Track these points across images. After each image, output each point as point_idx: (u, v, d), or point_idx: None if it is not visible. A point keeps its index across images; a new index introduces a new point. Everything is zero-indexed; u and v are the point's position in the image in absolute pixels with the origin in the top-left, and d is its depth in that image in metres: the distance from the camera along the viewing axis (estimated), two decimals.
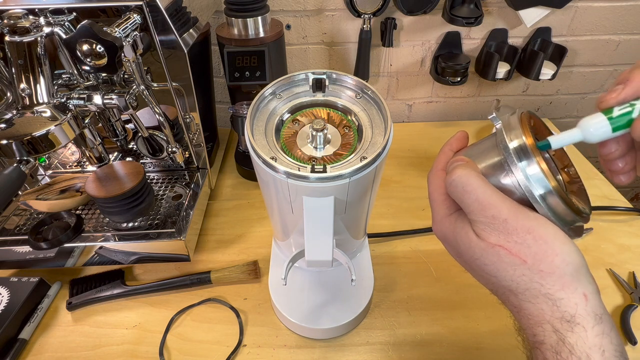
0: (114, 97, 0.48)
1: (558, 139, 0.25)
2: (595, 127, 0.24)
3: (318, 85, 0.42)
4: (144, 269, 0.59)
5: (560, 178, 0.29)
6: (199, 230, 0.62)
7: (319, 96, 0.42)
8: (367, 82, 0.43)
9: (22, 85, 0.44)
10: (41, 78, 0.45)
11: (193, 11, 0.57)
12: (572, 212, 0.25)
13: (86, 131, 0.54)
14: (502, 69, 0.81)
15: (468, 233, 0.27)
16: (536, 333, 0.24)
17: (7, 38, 0.43)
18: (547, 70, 0.79)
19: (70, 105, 0.47)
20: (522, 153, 0.26)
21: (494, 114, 0.29)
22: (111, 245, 0.53)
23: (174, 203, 0.60)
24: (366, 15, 0.73)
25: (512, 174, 0.26)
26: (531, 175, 0.25)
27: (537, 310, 0.24)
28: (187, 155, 0.64)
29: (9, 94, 0.47)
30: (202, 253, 0.61)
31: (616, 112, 0.24)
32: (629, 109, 0.23)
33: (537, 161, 0.25)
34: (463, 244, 0.27)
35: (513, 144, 0.26)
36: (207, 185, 0.67)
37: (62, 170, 0.66)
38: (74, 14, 0.47)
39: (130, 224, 0.56)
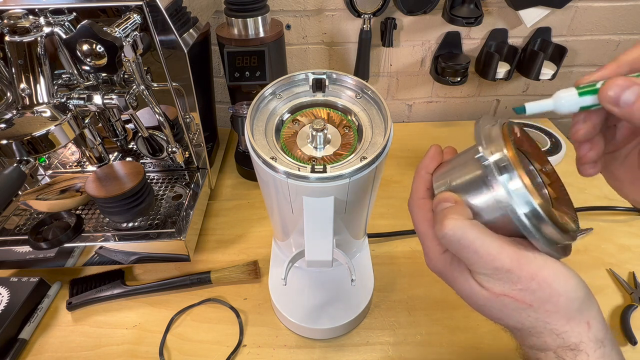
0: (114, 97, 0.48)
1: (533, 106, 0.26)
2: (565, 97, 0.25)
3: (318, 85, 0.42)
4: (144, 269, 0.59)
5: (546, 192, 0.27)
6: (199, 230, 0.62)
7: (319, 96, 0.42)
8: (367, 82, 0.43)
9: (22, 85, 0.44)
10: (41, 78, 0.45)
11: (193, 11, 0.57)
12: (560, 233, 0.24)
13: (86, 131, 0.55)
14: (502, 69, 0.81)
15: (468, 281, 0.26)
16: (539, 357, 0.24)
17: (7, 38, 0.43)
18: (547, 70, 0.79)
19: (70, 105, 0.47)
20: (504, 168, 0.24)
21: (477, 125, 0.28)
22: (111, 245, 0.53)
23: (174, 203, 0.60)
24: (366, 15, 0.73)
25: (493, 191, 0.25)
26: (514, 190, 0.24)
27: (541, 342, 0.24)
28: (187, 155, 0.64)
29: (9, 94, 0.47)
30: (202, 253, 0.61)
31: (584, 85, 0.25)
32: (597, 85, 0.24)
33: (520, 175, 0.24)
34: (464, 290, 0.27)
35: (494, 159, 0.25)
36: (207, 185, 0.67)
37: (62, 170, 0.66)
38: (74, 14, 0.47)
39: (130, 224, 0.56)
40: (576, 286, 0.24)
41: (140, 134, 0.57)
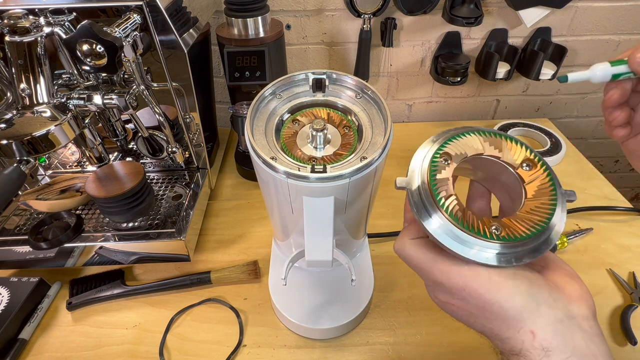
0: (114, 97, 0.48)
1: (573, 76, 0.31)
2: (600, 68, 0.30)
3: (318, 85, 0.42)
4: (144, 269, 0.59)
5: (470, 214, 0.26)
6: (199, 230, 0.62)
7: (319, 96, 0.42)
8: (367, 82, 0.43)
9: (22, 85, 0.44)
10: (41, 78, 0.45)
11: (193, 11, 0.57)
12: (508, 249, 0.25)
13: (86, 131, 0.55)
14: (502, 69, 0.81)
15: (430, 292, 0.30)
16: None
17: (7, 38, 0.43)
18: (547, 70, 0.79)
19: (70, 105, 0.47)
20: (429, 214, 0.26)
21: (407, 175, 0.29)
22: (111, 245, 0.53)
23: (174, 203, 0.60)
24: (366, 15, 0.73)
25: (429, 233, 0.26)
26: (441, 235, 0.25)
27: (496, 345, 0.27)
28: (187, 155, 0.64)
29: (9, 94, 0.47)
30: (202, 253, 0.61)
31: (615, 59, 0.30)
32: (625, 58, 0.29)
33: (444, 219, 0.25)
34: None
35: (417, 207, 0.27)
36: (207, 185, 0.67)
37: (62, 170, 0.66)
38: (74, 14, 0.47)
39: (130, 224, 0.56)
40: (512, 293, 0.25)
41: (140, 134, 0.57)
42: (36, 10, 0.45)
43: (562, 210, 0.26)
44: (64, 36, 0.45)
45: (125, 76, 0.54)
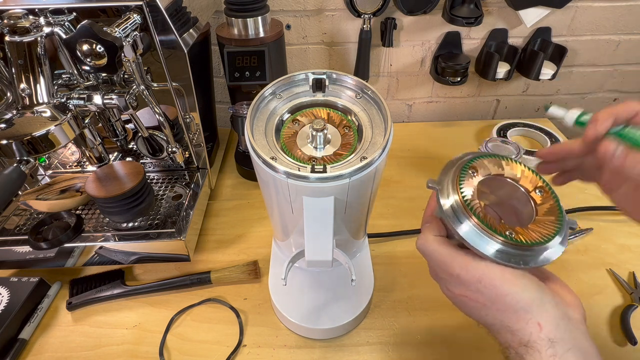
0: (114, 97, 0.48)
1: (553, 110, 0.38)
2: (569, 116, 0.36)
3: (318, 85, 0.42)
4: (144, 269, 0.59)
5: (492, 216, 0.30)
6: (199, 230, 0.62)
7: (319, 96, 0.42)
8: (367, 82, 0.43)
9: (22, 85, 0.44)
10: (41, 78, 0.45)
11: (193, 11, 0.57)
12: (519, 251, 0.28)
13: (86, 131, 0.55)
14: (502, 69, 0.81)
15: (445, 285, 0.32)
16: (507, 355, 0.28)
17: (7, 38, 0.43)
18: (547, 70, 0.79)
19: (70, 105, 0.47)
20: (455, 214, 0.29)
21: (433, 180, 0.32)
22: (111, 245, 0.53)
23: (174, 203, 0.60)
24: (366, 15, 0.73)
25: (454, 230, 0.29)
26: (464, 232, 0.29)
27: (503, 339, 0.28)
28: (187, 155, 0.64)
29: (9, 94, 0.47)
30: (202, 253, 0.61)
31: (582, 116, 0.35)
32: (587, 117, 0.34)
33: (469, 218, 0.29)
34: (446, 293, 0.32)
35: (445, 206, 0.30)
36: (207, 185, 0.67)
37: (62, 170, 0.66)
38: (74, 14, 0.47)
39: (130, 224, 0.56)
40: (523, 288, 0.28)
41: (140, 134, 0.57)
42: (36, 10, 0.45)
43: (566, 231, 0.30)
44: (64, 36, 0.45)
45: (125, 76, 0.54)
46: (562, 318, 0.27)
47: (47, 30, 0.44)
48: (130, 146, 0.67)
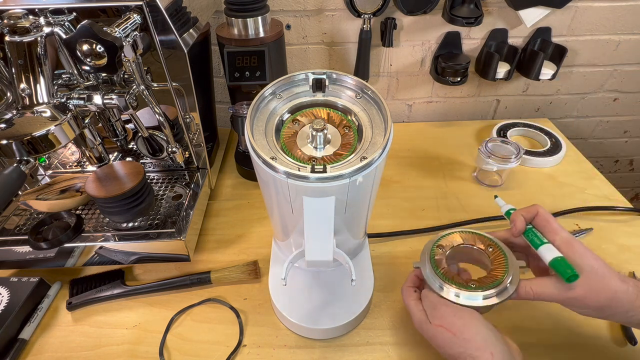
0: (114, 97, 0.48)
1: (499, 200, 0.48)
2: (503, 208, 0.47)
3: (318, 85, 0.42)
4: (144, 269, 0.59)
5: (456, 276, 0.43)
6: (199, 230, 0.62)
7: (319, 96, 0.42)
8: (367, 82, 0.43)
9: (22, 85, 0.44)
10: (41, 78, 0.45)
11: (193, 11, 0.57)
12: (465, 297, 0.40)
13: (86, 131, 0.55)
14: (502, 69, 0.81)
15: (427, 323, 0.40)
16: None
17: (7, 38, 0.43)
18: (547, 70, 0.79)
19: (70, 105, 0.47)
20: (431, 278, 0.42)
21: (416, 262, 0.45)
22: (111, 245, 0.53)
23: (174, 203, 0.60)
24: (366, 15, 0.73)
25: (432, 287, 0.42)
26: (436, 288, 0.42)
27: None
28: (187, 155, 0.64)
29: (9, 94, 0.47)
30: (202, 253, 0.61)
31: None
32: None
33: (442, 282, 0.41)
34: (428, 331, 0.40)
35: (426, 275, 0.43)
36: (207, 185, 0.67)
37: (62, 170, 0.66)
38: (74, 14, 0.47)
39: (130, 224, 0.56)
40: (480, 325, 0.38)
41: (140, 134, 0.57)
42: (36, 10, 0.45)
43: (514, 272, 0.41)
44: (64, 36, 0.45)
45: (125, 76, 0.54)
46: (509, 355, 0.36)
47: (47, 30, 0.44)
48: (130, 146, 0.67)
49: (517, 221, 0.42)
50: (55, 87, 0.47)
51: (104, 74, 0.52)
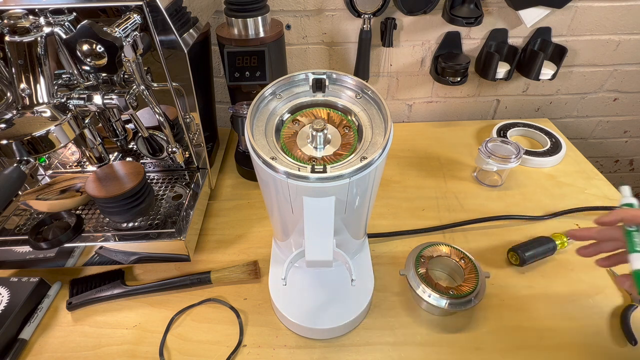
0: (114, 97, 0.48)
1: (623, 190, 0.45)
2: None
3: (318, 85, 0.42)
4: (144, 269, 0.59)
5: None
6: (199, 230, 0.62)
7: (319, 96, 0.42)
8: (367, 82, 0.43)
9: (22, 85, 0.44)
10: (41, 78, 0.45)
11: (193, 11, 0.57)
12: (457, 300, 0.49)
13: (86, 131, 0.54)
14: (502, 69, 0.81)
15: None
16: None
17: (7, 38, 0.43)
18: (547, 70, 0.79)
19: (70, 105, 0.47)
20: (415, 282, 0.51)
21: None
22: (111, 245, 0.53)
23: (174, 203, 0.60)
24: (366, 15, 0.73)
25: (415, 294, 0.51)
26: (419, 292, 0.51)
27: None
28: (187, 155, 0.64)
29: (9, 94, 0.47)
30: (202, 253, 0.61)
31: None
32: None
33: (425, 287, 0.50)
34: None
35: (411, 282, 0.51)
36: (207, 185, 0.67)
37: (62, 170, 0.66)
38: (74, 14, 0.47)
39: (130, 224, 0.56)
40: None
41: (140, 134, 0.57)
42: (36, 10, 0.45)
43: (482, 282, 0.50)
44: (64, 36, 0.45)
45: (125, 76, 0.54)
46: None
47: (47, 30, 0.44)
48: (130, 146, 0.67)
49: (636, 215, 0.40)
50: (56, 87, 0.47)
51: (104, 74, 0.52)
